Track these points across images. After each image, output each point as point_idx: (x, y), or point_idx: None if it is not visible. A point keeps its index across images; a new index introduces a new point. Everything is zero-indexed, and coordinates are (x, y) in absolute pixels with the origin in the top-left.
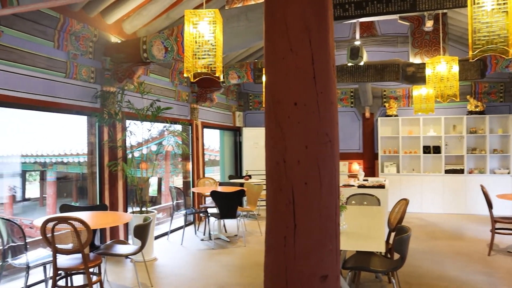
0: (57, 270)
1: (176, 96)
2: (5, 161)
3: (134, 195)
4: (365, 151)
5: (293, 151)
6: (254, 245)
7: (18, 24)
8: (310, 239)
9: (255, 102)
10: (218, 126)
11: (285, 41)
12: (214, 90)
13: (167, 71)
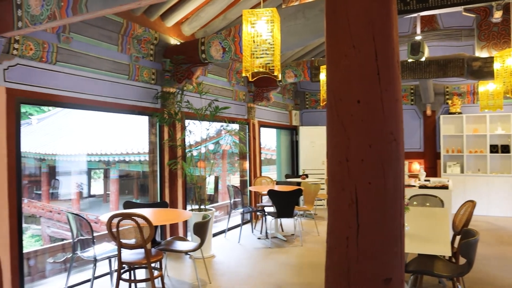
0: (121, 263)
1: (233, 96)
2: (73, 159)
3: (193, 193)
4: (426, 150)
5: (356, 150)
6: (311, 245)
7: (85, 30)
8: (374, 240)
9: (312, 100)
10: (274, 125)
11: (347, 38)
12: (270, 89)
13: (225, 71)
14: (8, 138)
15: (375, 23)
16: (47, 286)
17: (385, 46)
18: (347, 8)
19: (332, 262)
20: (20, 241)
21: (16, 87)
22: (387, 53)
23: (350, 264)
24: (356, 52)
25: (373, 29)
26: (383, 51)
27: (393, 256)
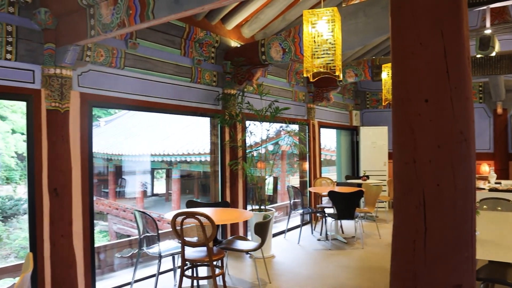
0: (185, 260)
1: (293, 97)
2: (138, 159)
3: (253, 193)
4: (497, 151)
5: (424, 150)
6: (372, 248)
7: (151, 36)
8: (442, 245)
9: (373, 100)
10: (334, 126)
11: (413, 35)
12: (330, 89)
13: (284, 72)
14: (81, 140)
15: (443, 19)
16: (115, 279)
17: (454, 42)
18: (413, 4)
19: (398, 266)
20: (92, 237)
21: (88, 91)
22: (457, 50)
23: (417, 268)
24: (423, 49)
25: (441, 25)
26: (452, 47)
27: (464, 262)
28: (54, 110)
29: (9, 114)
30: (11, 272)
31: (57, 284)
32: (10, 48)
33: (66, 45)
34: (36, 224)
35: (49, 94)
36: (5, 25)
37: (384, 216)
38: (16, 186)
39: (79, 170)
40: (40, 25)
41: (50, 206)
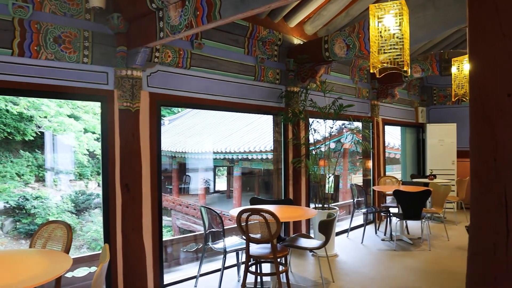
0: (249, 256)
1: (356, 93)
2: (200, 157)
3: (316, 191)
4: None
5: (506, 148)
6: (440, 250)
7: (215, 36)
8: None
9: (440, 96)
10: (399, 123)
11: (495, 25)
12: (395, 85)
13: (347, 68)
14: (150, 138)
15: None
16: (181, 272)
17: None
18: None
19: (476, 269)
20: (160, 231)
21: (156, 91)
22: None
23: (498, 273)
24: (506, 40)
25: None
26: None
27: None
28: (125, 110)
29: (82, 115)
30: (86, 262)
31: (128, 275)
32: (86, 52)
33: (136, 47)
34: (109, 217)
35: (121, 95)
36: (82, 31)
37: (452, 218)
38: (88, 181)
39: (148, 167)
40: (113, 30)
41: (122, 200)
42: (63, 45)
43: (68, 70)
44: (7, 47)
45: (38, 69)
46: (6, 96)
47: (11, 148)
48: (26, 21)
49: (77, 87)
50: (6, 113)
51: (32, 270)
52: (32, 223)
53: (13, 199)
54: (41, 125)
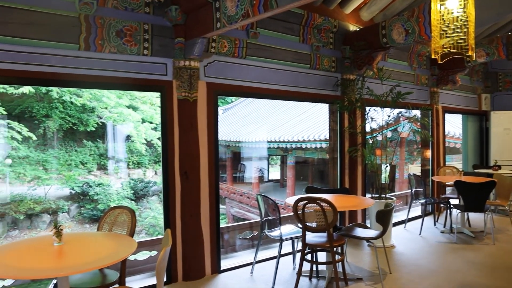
0: (305, 245)
1: (414, 80)
2: (254, 146)
3: (373, 181)
4: None
5: None
6: (505, 245)
7: (270, 25)
8: None
9: (506, 82)
10: (460, 111)
11: None
12: (457, 71)
13: (405, 54)
14: (208, 127)
15: None
16: (237, 259)
17: None
18: None
19: None
20: (218, 217)
21: (213, 81)
22: None
23: None
24: None
25: None
26: None
27: None
28: (184, 100)
29: (140, 105)
30: (147, 246)
31: (186, 260)
32: (146, 45)
33: (194, 38)
34: (169, 204)
35: (179, 85)
36: (142, 24)
37: None
38: (146, 170)
39: (206, 155)
40: (171, 22)
41: (181, 188)
42: (125, 38)
43: (130, 62)
44: (74, 42)
45: (102, 62)
46: (70, 89)
47: (75, 138)
48: (91, 16)
49: (138, 78)
50: (71, 105)
51: (101, 251)
52: (95, 209)
53: (77, 186)
54: (102, 116)
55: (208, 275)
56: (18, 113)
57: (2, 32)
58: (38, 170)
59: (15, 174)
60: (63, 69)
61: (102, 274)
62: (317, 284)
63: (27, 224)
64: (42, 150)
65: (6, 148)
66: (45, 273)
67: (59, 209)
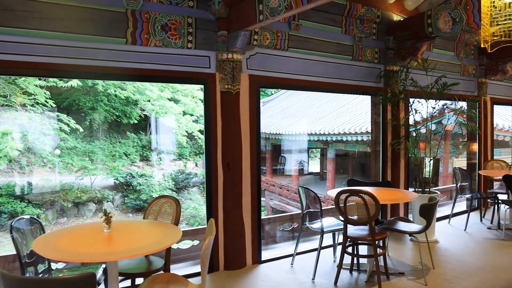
0: (347, 237)
1: (461, 71)
2: (294, 139)
3: (416, 174)
4: None
5: None
6: None
7: (312, 16)
8: None
9: None
10: (511, 102)
11: None
12: (507, 60)
13: (451, 44)
14: (250, 119)
15: None
16: (278, 250)
17: None
18: None
19: None
20: (259, 209)
21: (255, 73)
22: None
23: None
24: None
25: None
26: None
27: None
28: (227, 92)
29: (181, 98)
30: (190, 236)
31: (228, 250)
32: (190, 38)
33: (236, 31)
34: (212, 195)
35: (222, 77)
36: (186, 18)
37: None
38: (186, 161)
39: (248, 147)
40: (214, 15)
41: (223, 179)
42: (170, 32)
43: (174, 55)
44: (121, 37)
45: (148, 56)
46: (115, 82)
47: (119, 129)
48: (137, 11)
49: (182, 71)
50: (115, 98)
51: (148, 239)
52: (138, 199)
53: (121, 176)
54: (145, 108)
55: (249, 265)
56: (66, 106)
57: (56, 28)
58: (84, 161)
59: (63, 164)
60: (111, 62)
61: (148, 261)
62: (358, 277)
63: (74, 212)
64: (88, 141)
65: (56, 139)
66: (95, 257)
67: (104, 198)
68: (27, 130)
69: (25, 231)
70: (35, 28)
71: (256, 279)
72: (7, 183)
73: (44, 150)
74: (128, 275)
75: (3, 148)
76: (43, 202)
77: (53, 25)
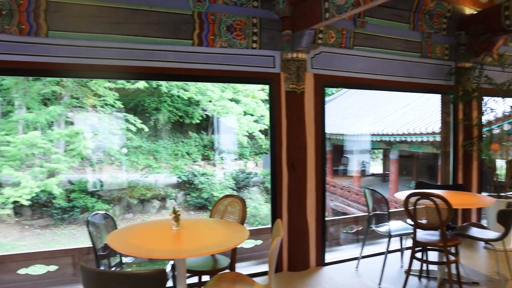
0: (416, 243)
1: None
2: (356, 139)
3: (490, 177)
4: None
5: None
6: None
7: (378, 13)
8: None
9: None
10: None
11: None
12: None
13: None
14: (315, 118)
15: None
16: (341, 253)
17: None
18: None
19: None
20: (323, 210)
21: (320, 72)
22: None
23: None
24: None
25: None
26: None
27: None
28: (291, 92)
29: (242, 98)
30: (253, 235)
31: (292, 251)
32: (255, 38)
33: (301, 30)
34: (276, 195)
35: (287, 77)
36: (251, 18)
37: None
38: (247, 161)
39: (312, 147)
40: (279, 14)
41: (288, 179)
42: (235, 33)
43: (239, 55)
44: (188, 38)
45: (214, 56)
46: (178, 84)
47: (182, 129)
48: (203, 13)
49: (247, 71)
50: (178, 99)
51: (215, 237)
52: (199, 197)
53: (184, 175)
54: (206, 109)
55: (313, 267)
56: (133, 107)
57: (127, 32)
58: (149, 159)
59: (129, 163)
60: (178, 64)
61: (214, 259)
62: (427, 285)
63: (139, 208)
64: (153, 141)
65: (123, 139)
66: (165, 254)
67: (167, 196)
68: (97, 130)
69: (100, 226)
70: (107, 32)
71: (320, 281)
72: (79, 180)
73: (112, 148)
74: (194, 272)
75: (77, 147)
76: (111, 198)
77: (123, 29)
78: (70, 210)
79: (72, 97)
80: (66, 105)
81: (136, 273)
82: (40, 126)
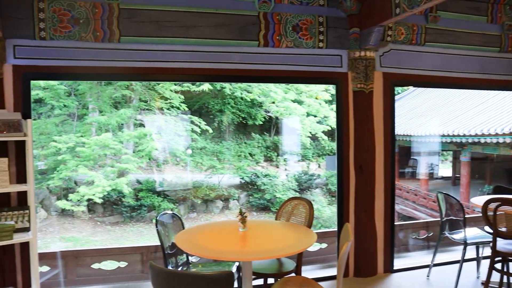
0: (496, 252)
1: None
2: (423, 140)
3: None
4: None
5: None
6: None
7: (452, 6)
8: None
9: None
10: None
11: None
12: None
13: None
14: (384, 119)
15: None
16: (411, 259)
17: None
18: None
19: None
20: (392, 214)
21: (389, 70)
22: None
23: None
24: None
25: None
26: None
27: None
28: (359, 91)
29: (305, 99)
30: (318, 238)
31: (359, 256)
32: (321, 37)
33: (370, 27)
34: (343, 198)
35: (355, 76)
36: (317, 17)
37: None
38: (309, 163)
39: (381, 149)
40: (346, 12)
41: (355, 182)
42: (301, 32)
43: (305, 55)
44: (254, 39)
45: (280, 57)
46: (241, 85)
47: (245, 131)
48: (269, 14)
49: (313, 71)
50: (241, 100)
51: (282, 240)
52: (262, 198)
53: (247, 176)
54: (269, 110)
55: (380, 273)
56: (197, 109)
57: (194, 35)
58: (213, 160)
59: (194, 163)
60: (244, 65)
61: (280, 262)
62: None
63: (203, 208)
64: (217, 142)
65: (188, 140)
66: (232, 255)
67: (230, 196)
68: (163, 131)
69: (168, 225)
70: (175, 36)
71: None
72: (147, 179)
73: (177, 149)
74: (259, 275)
75: (145, 148)
76: (177, 197)
77: (192, 32)
78: (138, 209)
79: (141, 100)
80: (135, 108)
81: (204, 274)
82: (111, 128)
